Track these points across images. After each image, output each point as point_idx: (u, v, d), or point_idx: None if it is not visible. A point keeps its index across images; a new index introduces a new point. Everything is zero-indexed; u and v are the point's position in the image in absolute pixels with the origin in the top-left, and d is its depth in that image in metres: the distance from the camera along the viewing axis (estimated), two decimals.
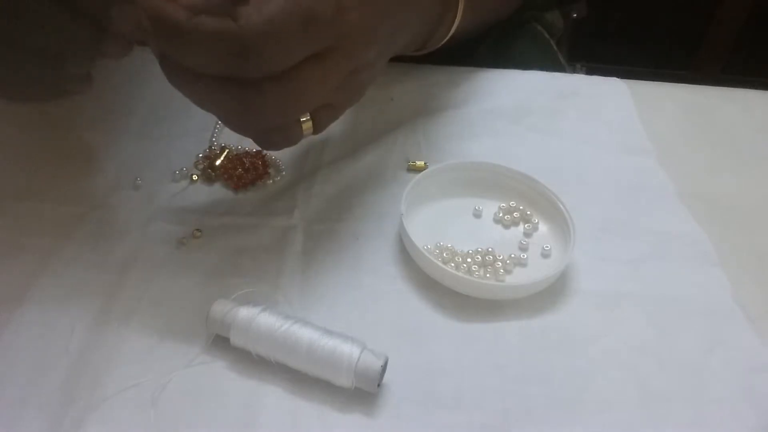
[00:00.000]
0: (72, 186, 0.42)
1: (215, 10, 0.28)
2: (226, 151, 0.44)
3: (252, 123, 0.33)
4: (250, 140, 0.45)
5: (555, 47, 0.65)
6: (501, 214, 0.41)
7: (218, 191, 0.42)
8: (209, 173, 0.43)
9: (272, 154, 0.45)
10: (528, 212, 0.41)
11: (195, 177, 0.43)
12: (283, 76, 0.30)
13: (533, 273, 0.38)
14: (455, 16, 0.46)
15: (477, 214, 0.41)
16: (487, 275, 0.37)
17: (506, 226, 0.41)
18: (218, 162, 0.43)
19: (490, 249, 0.38)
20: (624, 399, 0.32)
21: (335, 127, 0.47)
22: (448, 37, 0.48)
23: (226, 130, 0.47)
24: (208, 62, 0.29)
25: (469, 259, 0.38)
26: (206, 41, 0.28)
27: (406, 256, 0.38)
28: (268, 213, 0.41)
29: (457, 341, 0.34)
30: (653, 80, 0.54)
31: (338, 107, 0.36)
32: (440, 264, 0.35)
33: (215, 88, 0.30)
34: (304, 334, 0.31)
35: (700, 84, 0.55)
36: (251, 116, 0.32)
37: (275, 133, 0.34)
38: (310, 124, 0.34)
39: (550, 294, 0.36)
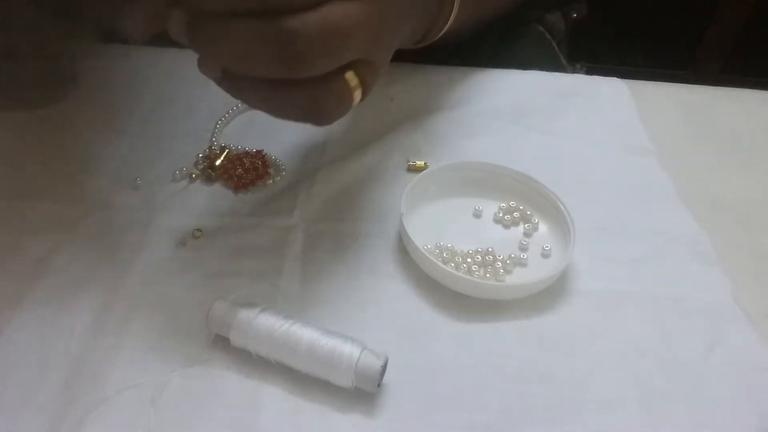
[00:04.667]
0: (72, 186, 0.42)
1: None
2: (226, 151, 0.44)
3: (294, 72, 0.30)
4: (250, 140, 0.46)
5: (556, 48, 0.65)
6: (501, 214, 0.41)
7: (218, 191, 0.42)
8: (209, 173, 0.43)
9: (273, 154, 0.45)
10: (528, 212, 0.41)
11: (194, 175, 0.43)
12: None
13: (533, 273, 0.38)
14: (452, 10, 0.46)
15: (477, 214, 0.41)
16: (487, 275, 0.37)
17: (506, 226, 0.41)
18: (218, 162, 0.43)
19: (490, 249, 0.38)
20: (624, 399, 0.32)
21: (335, 127, 0.48)
22: (444, 31, 0.47)
23: (226, 130, 0.47)
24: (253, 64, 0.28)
25: (469, 259, 0.38)
26: (251, 44, 0.28)
27: (406, 256, 0.38)
28: (268, 213, 0.41)
29: (457, 341, 0.34)
30: (653, 80, 0.54)
31: (374, 63, 0.33)
32: (440, 264, 0.35)
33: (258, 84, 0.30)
34: (304, 334, 0.31)
35: (700, 84, 0.55)
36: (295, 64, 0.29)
37: (327, 97, 0.31)
38: (359, 91, 0.32)
39: (550, 294, 0.36)
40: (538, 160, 0.45)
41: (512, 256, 0.38)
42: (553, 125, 0.49)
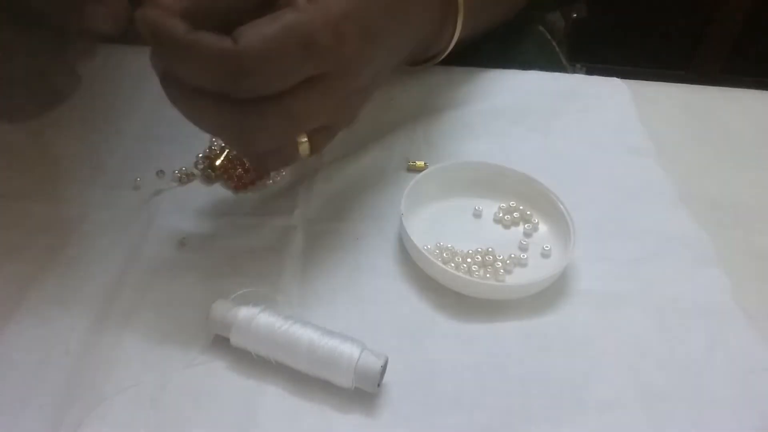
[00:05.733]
0: (72, 186, 0.42)
1: (214, 28, 0.29)
2: (226, 151, 0.44)
3: (248, 143, 0.33)
4: None
5: (556, 48, 0.65)
6: (501, 214, 0.41)
7: (218, 191, 0.42)
8: (209, 173, 0.43)
9: None
10: (528, 212, 0.41)
11: (194, 175, 0.43)
12: (279, 98, 0.31)
13: (533, 273, 0.38)
14: (454, 31, 0.46)
15: (477, 214, 0.41)
16: (487, 275, 0.37)
17: (506, 226, 0.41)
18: (218, 162, 0.43)
19: (490, 249, 0.38)
20: (624, 399, 0.32)
21: None
22: (448, 51, 0.48)
23: None
24: (205, 79, 0.30)
25: (469, 259, 0.38)
26: (203, 58, 0.29)
27: (406, 256, 0.38)
28: (268, 213, 0.41)
29: (457, 341, 0.34)
30: (653, 80, 0.54)
31: (334, 128, 0.36)
32: (440, 264, 0.35)
33: (212, 107, 0.31)
34: (304, 334, 0.31)
35: (700, 84, 0.55)
36: (248, 137, 0.32)
37: (271, 154, 0.34)
38: (306, 145, 0.34)
39: (550, 294, 0.36)
40: (538, 160, 0.45)
41: (512, 256, 0.38)
42: (553, 125, 0.49)
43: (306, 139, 0.34)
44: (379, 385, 0.31)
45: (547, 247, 0.39)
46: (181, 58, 0.29)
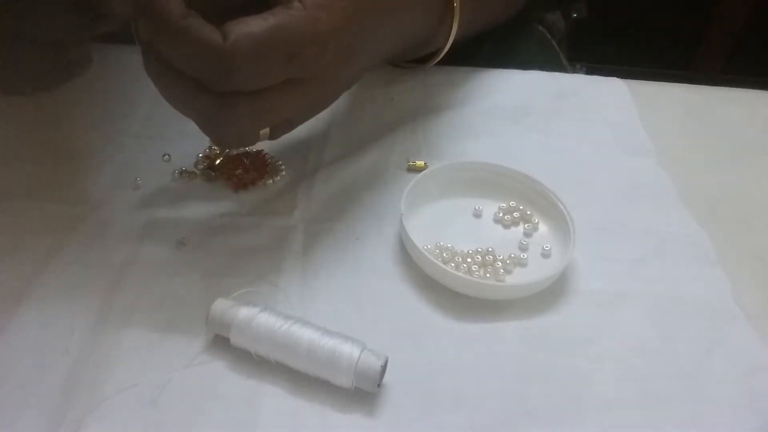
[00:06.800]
0: (72, 186, 0.42)
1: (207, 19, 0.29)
2: (226, 151, 0.44)
3: (215, 131, 0.34)
4: None
5: (557, 48, 0.65)
6: (501, 214, 0.41)
7: (218, 191, 0.42)
8: (209, 173, 0.43)
9: (273, 154, 0.45)
10: (528, 212, 0.41)
11: (194, 175, 0.43)
12: (254, 96, 0.32)
13: (533, 273, 0.38)
14: (450, 31, 0.47)
15: (477, 214, 0.41)
16: (487, 275, 0.37)
17: (506, 226, 0.41)
18: (218, 162, 0.43)
19: (490, 249, 0.38)
20: (624, 399, 0.32)
21: (335, 127, 0.48)
22: (444, 52, 0.48)
23: None
24: (187, 66, 0.30)
25: (469, 259, 0.38)
26: (191, 48, 0.29)
27: (406, 256, 0.38)
28: (268, 213, 0.41)
29: (457, 341, 0.34)
30: (653, 80, 0.54)
31: (296, 122, 0.37)
32: (440, 264, 0.35)
33: (187, 91, 0.31)
34: (304, 334, 0.31)
35: (700, 84, 0.55)
36: (216, 125, 0.33)
37: (234, 139, 0.35)
38: (267, 131, 0.36)
39: (550, 294, 0.36)
40: (538, 160, 0.45)
41: (512, 256, 0.38)
42: (553, 125, 0.49)
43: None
44: (379, 385, 0.31)
45: (547, 247, 0.39)
46: (169, 42, 0.29)
